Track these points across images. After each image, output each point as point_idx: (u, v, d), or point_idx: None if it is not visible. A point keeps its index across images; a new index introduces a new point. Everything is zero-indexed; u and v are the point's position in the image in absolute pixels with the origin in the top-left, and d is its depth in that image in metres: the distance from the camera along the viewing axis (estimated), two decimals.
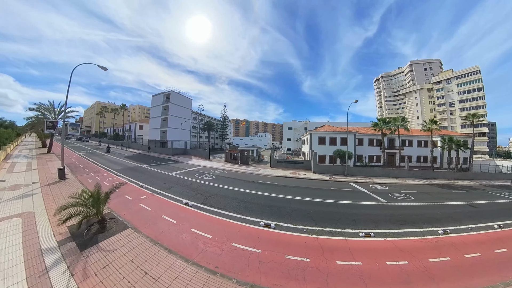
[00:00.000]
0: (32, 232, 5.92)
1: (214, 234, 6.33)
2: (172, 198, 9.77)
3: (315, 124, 50.00)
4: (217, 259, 5.07)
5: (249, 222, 7.39)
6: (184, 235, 6.21)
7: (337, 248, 5.77)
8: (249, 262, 5.01)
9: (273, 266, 4.87)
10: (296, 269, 4.71)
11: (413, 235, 7.08)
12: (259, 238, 6.20)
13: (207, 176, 15.53)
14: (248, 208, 8.78)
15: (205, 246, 5.65)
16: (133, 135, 53.26)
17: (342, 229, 7.03)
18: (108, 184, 11.53)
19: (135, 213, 7.72)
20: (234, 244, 5.78)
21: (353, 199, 11.37)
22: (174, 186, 12.16)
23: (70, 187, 10.68)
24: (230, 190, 11.77)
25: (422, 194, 13.54)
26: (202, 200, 9.63)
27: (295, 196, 11.03)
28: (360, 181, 17.02)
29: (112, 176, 14.10)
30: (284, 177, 17.24)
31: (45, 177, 12.55)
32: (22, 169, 14.85)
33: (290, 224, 7.12)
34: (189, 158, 27.44)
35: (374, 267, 5.03)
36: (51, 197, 9.02)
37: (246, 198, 10.32)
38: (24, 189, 10.05)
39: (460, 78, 47.34)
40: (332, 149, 24.49)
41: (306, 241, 6.05)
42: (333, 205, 10.11)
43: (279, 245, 5.79)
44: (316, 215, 8.37)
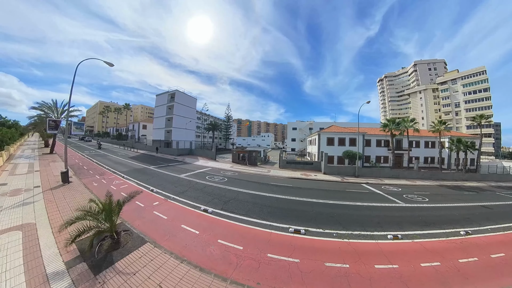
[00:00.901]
0: (34, 249, 5.12)
1: (245, 244, 5.87)
2: (187, 204, 9.17)
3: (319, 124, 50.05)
4: (256, 274, 4.66)
5: (276, 228, 7.07)
6: (212, 248, 5.63)
7: (370, 252, 5.84)
8: (291, 274, 4.72)
9: (316, 275, 4.72)
10: (339, 277, 4.69)
11: (437, 236, 7.21)
12: (292, 246, 5.99)
13: (219, 179, 15.25)
14: (271, 213, 8.50)
15: (238, 259, 5.17)
16: (136, 135, 53.08)
17: (370, 232, 7.11)
18: (115, 188, 11.00)
19: (150, 223, 7.02)
20: (269, 255, 5.44)
21: (370, 200, 11.46)
22: (187, 190, 11.57)
23: (74, 192, 9.99)
24: (248, 194, 11.43)
25: (435, 196, 13.64)
26: (221, 205, 9.11)
27: (314, 199, 11.06)
28: (372, 182, 17.11)
29: (119, 179, 13.47)
30: (296, 178, 17.28)
31: (47, 180, 11.88)
32: (24, 171, 14.18)
33: (319, 229, 7.09)
34: (195, 159, 27.32)
35: (410, 269, 5.13)
36: (54, 205, 8.24)
37: (266, 202, 10.06)
38: (24, 194, 9.32)
39: (466, 78, 47.29)
40: (340, 149, 24.60)
41: (340, 246, 6.09)
42: (353, 207, 10.19)
43: (315, 252, 5.66)
44: (340, 218, 8.42)
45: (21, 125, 46.89)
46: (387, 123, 22.32)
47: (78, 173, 14.47)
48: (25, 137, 47.95)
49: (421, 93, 58.82)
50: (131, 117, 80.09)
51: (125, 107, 68.59)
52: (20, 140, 37.36)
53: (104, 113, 79.13)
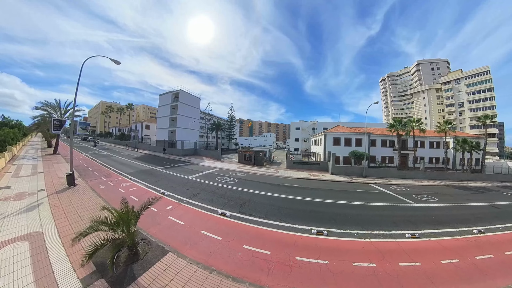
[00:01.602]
0: (44, 264, 4.59)
1: (272, 248, 5.75)
2: (203, 207, 8.88)
3: (323, 124, 50.22)
4: (290, 279, 4.56)
5: (298, 230, 7.04)
6: (239, 254, 5.41)
7: (393, 251, 6.05)
8: (323, 276, 4.74)
9: (346, 276, 4.80)
10: (369, 276, 4.86)
11: (451, 235, 7.47)
12: (318, 247, 6.02)
13: (229, 180, 15.12)
14: (290, 215, 8.47)
15: (268, 265, 5.01)
16: (139, 135, 53.06)
17: (388, 231, 7.35)
18: (124, 192, 10.65)
19: (168, 230, 6.64)
20: (298, 258, 5.39)
21: (382, 201, 11.71)
22: (199, 192, 11.28)
23: (82, 196, 9.51)
24: (262, 196, 11.31)
25: (444, 196, 13.87)
26: (238, 208, 8.89)
27: (328, 199, 11.25)
28: (380, 183, 17.36)
29: (126, 181, 13.04)
30: (306, 179, 17.50)
31: (52, 183, 11.41)
32: (27, 172, 13.74)
33: (339, 230, 7.26)
34: (201, 159, 27.32)
35: (432, 266, 5.38)
36: (60, 211, 7.74)
37: (282, 204, 10.03)
38: (29, 199, 8.82)
39: (469, 78, 47.34)
40: (346, 150, 24.84)
41: (363, 246, 6.28)
42: (367, 207, 10.41)
43: (341, 253, 5.77)
44: (358, 218, 8.64)
45: (25, 125, 46.55)
46: (393, 123, 22.55)
47: (83, 175, 14.05)
48: (28, 137, 47.70)
49: (424, 93, 58.89)
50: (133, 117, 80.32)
51: (128, 107, 68.65)
52: (24, 141, 37.11)
53: (107, 113, 78.90)
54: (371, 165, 25.81)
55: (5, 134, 24.96)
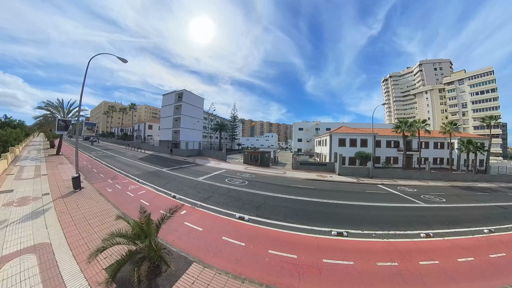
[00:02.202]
0: (56, 282, 4.12)
1: (297, 252, 5.75)
2: (218, 211, 8.61)
3: (326, 125, 50.45)
4: (321, 282, 4.65)
5: (319, 232, 7.13)
6: (266, 260, 5.29)
7: (411, 250, 6.29)
8: (351, 277, 4.89)
9: (373, 275, 4.98)
10: (393, 275, 5.07)
11: (463, 234, 7.73)
12: (341, 248, 6.15)
13: (239, 181, 14.98)
14: (307, 217, 8.53)
15: (298, 269, 5.01)
16: (142, 135, 52.84)
17: (403, 231, 7.60)
18: (133, 195, 10.26)
19: (187, 237, 6.29)
20: (324, 260, 5.46)
21: (392, 201, 11.95)
22: (211, 195, 11.04)
23: (89, 201, 9.08)
24: (276, 198, 11.24)
25: (451, 196, 14.09)
26: (254, 211, 8.79)
27: (341, 200, 11.44)
28: (387, 183, 17.59)
29: (134, 184, 12.67)
30: (314, 180, 17.70)
31: (56, 186, 10.92)
32: (31, 174, 13.26)
33: (358, 230, 7.47)
34: (206, 160, 27.30)
35: (450, 264, 5.64)
36: (68, 217, 7.25)
37: (297, 206, 10.06)
38: (33, 204, 8.29)
39: (473, 78, 47.42)
40: (351, 150, 25.06)
41: (383, 246, 6.50)
42: (379, 208, 10.65)
43: (363, 253, 5.91)
44: (373, 219, 8.88)
45: (26, 125, 46.37)
46: (399, 124, 22.78)
47: (89, 177, 13.73)
48: (30, 137, 47.12)
49: (427, 93, 58.97)
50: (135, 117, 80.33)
51: (131, 107, 68.57)
52: (26, 141, 36.75)
53: (109, 113, 78.99)
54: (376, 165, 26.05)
55: (8, 135, 24.64)
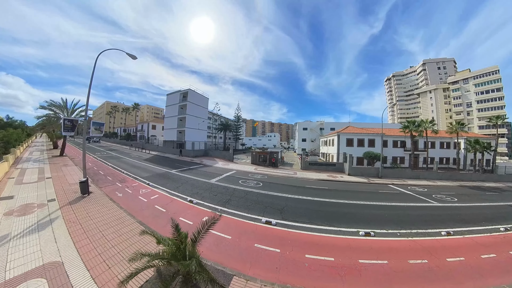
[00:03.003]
0: None
1: (333, 254, 5.81)
2: (242, 215, 8.30)
3: (330, 125, 50.63)
4: (363, 282, 4.78)
5: (346, 233, 7.25)
6: (306, 265, 5.24)
7: (435, 247, 6.57)
8: (389, 276, 5.06)
9: (408, 273, 5.18)
10: (425, 271, 5.30)
11: (480, 232, 8.00)
12: (372, 248, 6.31)
13: (253, 183, 14.68)
14: (331, 218, 8.57)
15: (339, 272, 5.05)
16: (145, 135, 52.47)
17: (424, 230, 7.89)
18: (146, 200, 9.69)
19: (216, 247, 5.92)
20: (361, 261, 5.58)
21: (407, 201, 12.21)
22: (230, 198, 10.66)
23: (100, 208, 8.37)
24: (295, 199, 11.14)
25: (461, 196, 14.31)
26: (279, 215, 8.66)
27: (357, 201, 11.62)
28: (397, 183, 17.82)
29: (144, 187, 12.11)
30: (325, 180, 17.88)
31: (62, 191, 10.31)
32: (34, 178, 12.47)
33: (383, 230, 7.67)
34: (213, 161, 26.97)
35: (474, 261, 5.91)
36: (79, 228, 6.47)
37: (318, 207, 10.11)
38: (38, 212, 7.54)
39: (478, 78, 47.37)
40: (359, 150, 25.29)
41: (409, 244, 6.76)
42: (396, 207, 10.92)
43: (394, 252, 6.12)
44: (393, 218, 9.15)
45: (28, 126, 45.83)
46: (407, 124, 23.00)
47: (96, 179, 13.21)
48: (32, 138, 46.89)
49: (431, 93, 58.94)
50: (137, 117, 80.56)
51: (134, 106, 68.59)
52: (28, 141, 36.27)
53: (111, 113, 79.07)
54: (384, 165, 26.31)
55: (9, 135, 23.94)
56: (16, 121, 44.29)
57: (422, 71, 67.54)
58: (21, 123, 45.41)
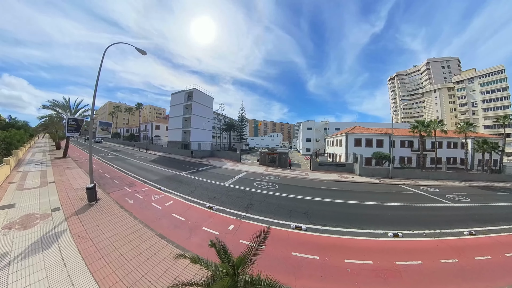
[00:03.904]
0: None
1: (370, 257, 5.90)
2: (268, 222, 7.92)
3: (334, 124, 50.79)
4: (406, 285, 4.92)
5: (375, 235, 7.38)
6: (349, 271, 5.31)
7: (461, 247, 6.81)
8: (427, 275, 5.22)
9: (442, 272, 5.39)
10: (459, 271, 5.50)
11: (500, 232, 8.21)
12: (404, 249, 6.47)
13: (269, 185, 14.37)
14: (356, 220, 8.65)
15: (381, 275, 5.25)
16: (149, 135, 52.16)
17: (447, 230, 8.14)
18: (161, 208, 8.94)
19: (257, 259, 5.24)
20: (398, 263, 5.70)
21: (423, 201, 12.46)
22: (250, 203, 10.18)
23: (111, 218, 7.53)
24: (317, 202, 10.98)
25: (473, 196, 14.50)
26: (306, 219, 8.48)
27: (376, 202, 11.72)
28: (408, 184, 18.05)
29: (156, 192, 11.40)
30: (337, 181, 18.01)
31: (67, 197, 9.49)
32: (36, 182, 11.79)
33: (408, 231, 7.86)
34: (221, 161, 26.61)
35: (500, 259, 6.18)
36: (90, 244, 5.61)
37: (340, 209, 10.20)
38: (41, 225, 6.65)
39: (483, 77, 47.31)
40: (367, 150, 25.45)
41: (437, 244, 7.00)
42: (414, 208, 11.16)
43: (424, 252, 6.31)
44: (415, 219, 9.39)
45: (31, 126, 44.79)
46: (416, 124, 23.20)
47: (102, 183, 12.40)
48: (35, 138, 45.92)
49: (436, 92, 58.91)
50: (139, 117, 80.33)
51: (138, 106, 68.57)
52: (30, 142, 35.67)
53: (114, 114, 78.83)
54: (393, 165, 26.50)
55: (11, 136, 23.18)
56: (19, 122, 43.91)
57: (426, 71, 67.46)
58: (24, 123, 44.92)
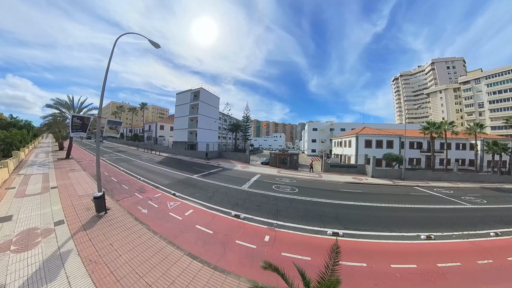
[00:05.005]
0: None
1: (413, 261, 5.99)
2: (302, 229, 7.53)
3: (340, 125, 50.97)
4: (452, 286, 5.01)
5: (409, 238, 7.48)
6: (398, 276, 5.34)
7: (492, 247, 7.01)
8: (468, 276, 5.34)
9: (482, 273, 5.52)
10: (495, 271, 5.66)
11: None
12: (439, 251, 6.64)
13: (288, 189, 13.97)
14: (386, 223, 8.73)
15: (428, 278, 5.35)
16: (153, 135, 51.55)
17: (473, 231, 8.36)
18: (181, 218, 7.90)
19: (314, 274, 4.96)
20: (439, 265, 5.79)
21: (441, 203, 12.65)
22: (278, 209, 9.57)
23: (125, 233, 6.38)
24: (342, 205, 10.98)
25: (488, 198, 14.65)
26: (338, 224, 8.33)
27: (398, 204, 11.84)
28: (422, 185, 18.20)
29: (171, 199, 10.29)
30: (353, 183, 17.98)
31: (72, 207, 8.24)
32: (37, 188, 10.72)
33: (438, 233, 8.05)
34: (230, 163, 26.14)
35: None
36: (107, 272, 4.47)
37: (367, 212, 10.26)
38: (44, 245, 5.43)
39: (490, 78, 47.20)
40: (377, 152, 25.65)
41: (469, 246, 7.21)
42: (436, 210, 11.34)
43: (460, 254, 6.42)
44: (440, 220, 9.58)
45: (34, 126, 43.57)
46: (428, 126, 23.41)
47: (109, 188, 11.28)
48: (39, 138, 45.54)
49: (441, 93, 58.81)
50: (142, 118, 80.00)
51: (142, 106, 68.16)
52: (34, 142, 35.06)
53: (117, 114, 77.98)
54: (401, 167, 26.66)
55: (12, 136, 22.01)
56: (21, 121, 42.30)
57: (430, 71, 67.36)
58: (27, 123, 43.15)
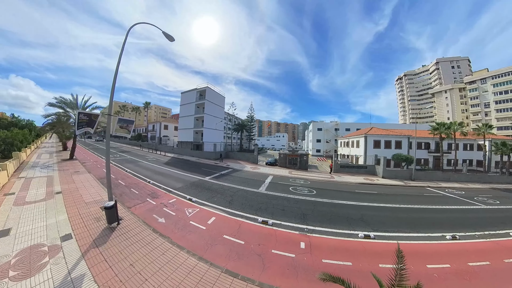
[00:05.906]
0: None
1: (445, 261, 6.17)
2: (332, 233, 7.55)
3: (345, 125, 51.17)
4: (486, 286, 5.14)
5: (436, 238, 7.64)
6: (436, 276, 5.46)
7: None
8: (502, 276, 5.47)
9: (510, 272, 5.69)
10: None
11: None
12: (467, 251, 6.84)
13: (306, 191, 13.69)
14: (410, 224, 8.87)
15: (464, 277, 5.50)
16: (157, 135, 51.13)
17: (494, 231, 8.60)
18: (204, 228, 7.14)
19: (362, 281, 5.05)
20: (470, 264, 5.98)
21: (456, 204, 12.91)
22: (303, 212, 9.39)
23: (147, 250, 5.49)
24: (362, 207, 10.97)
25: (500, 198, 14.86)
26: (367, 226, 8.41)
27: (415, 205, 11.97)
28: (433, 186, 18.43)
29: (188, 204, 9.52)
30: (365, 184, 17.99)
31: (79, 217, 7.24)
32: (40, 194, 9.57)
33: (461, 233, 8.23)
34: (238, 164, 25.94)
35: None
36: None
37: (389, 213, 10.32)
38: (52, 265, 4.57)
39: (496, 77, 47.05)
40: (386, 152, 25.81)
41: (493, 245, 7.42)
42: (455, 210, 11.58)
43: (485, 253, 6.58)
44: (461, 221, 9.81)
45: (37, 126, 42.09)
46: (437, 126, 23.60)
47: (118, 193, 10.40)
48: (42, 138, 44.36)
49: (446, 93, 58.68)
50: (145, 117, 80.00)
51: (146, 105, 68.38)
52: (37, 142, 33.98)
53: (120, 113, 78.78)
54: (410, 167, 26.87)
55: (13, 136, 20.94)
56: (23, 121, 41.09)
57: (435, 70, 67.18)
58: (29, 122, 41.90)
